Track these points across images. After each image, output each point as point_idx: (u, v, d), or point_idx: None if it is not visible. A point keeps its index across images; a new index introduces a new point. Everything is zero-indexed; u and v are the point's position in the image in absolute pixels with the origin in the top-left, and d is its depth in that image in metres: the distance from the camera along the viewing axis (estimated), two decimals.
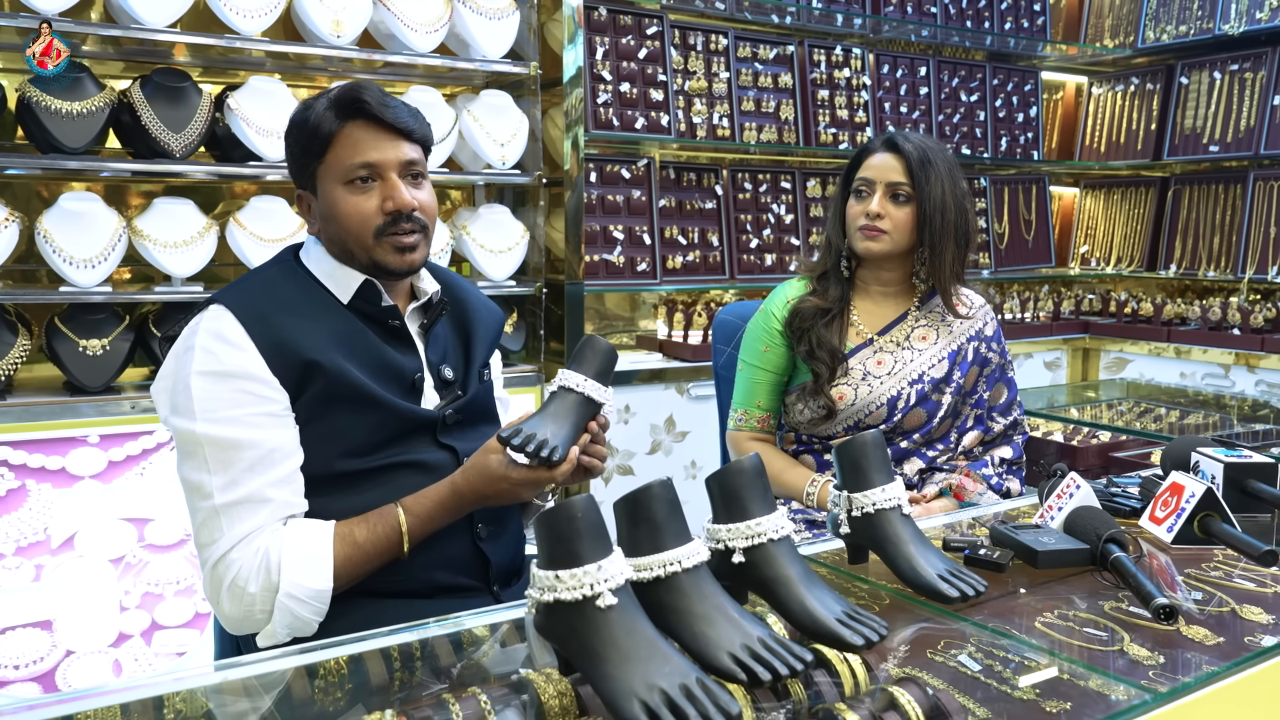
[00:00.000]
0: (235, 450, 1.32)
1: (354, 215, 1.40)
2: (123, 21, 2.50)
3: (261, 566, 1.30)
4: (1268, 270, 4.13)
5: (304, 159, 1.43)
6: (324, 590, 1.33)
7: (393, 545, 1.37)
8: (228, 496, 1.32)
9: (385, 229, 1.41)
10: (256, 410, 1.33)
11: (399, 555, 1.38)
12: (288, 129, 1.46)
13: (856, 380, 1.99)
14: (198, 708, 1.06)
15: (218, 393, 1.33)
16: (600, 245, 3.57)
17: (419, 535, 1.39)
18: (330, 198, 1.41)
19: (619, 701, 0.89)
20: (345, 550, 1.34)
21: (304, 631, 1.35)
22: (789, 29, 4.10)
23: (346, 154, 1.39)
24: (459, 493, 1.38)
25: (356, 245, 1.42)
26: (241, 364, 1.33)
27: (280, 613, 1.31)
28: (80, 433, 2.43)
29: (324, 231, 1.46)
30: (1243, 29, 4.20)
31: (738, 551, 1.12)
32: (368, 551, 1.36)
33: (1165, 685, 1.03)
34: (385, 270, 1.44)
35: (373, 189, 1.40)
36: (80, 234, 2.44)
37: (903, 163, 1.96)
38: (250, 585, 1.30)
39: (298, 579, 1.30)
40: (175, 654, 2.55)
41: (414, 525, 1.38)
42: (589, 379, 1.40)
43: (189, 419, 1.33)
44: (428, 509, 1.39)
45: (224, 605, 1.33)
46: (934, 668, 1.06)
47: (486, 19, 2.91)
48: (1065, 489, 1.45)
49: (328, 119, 1.40)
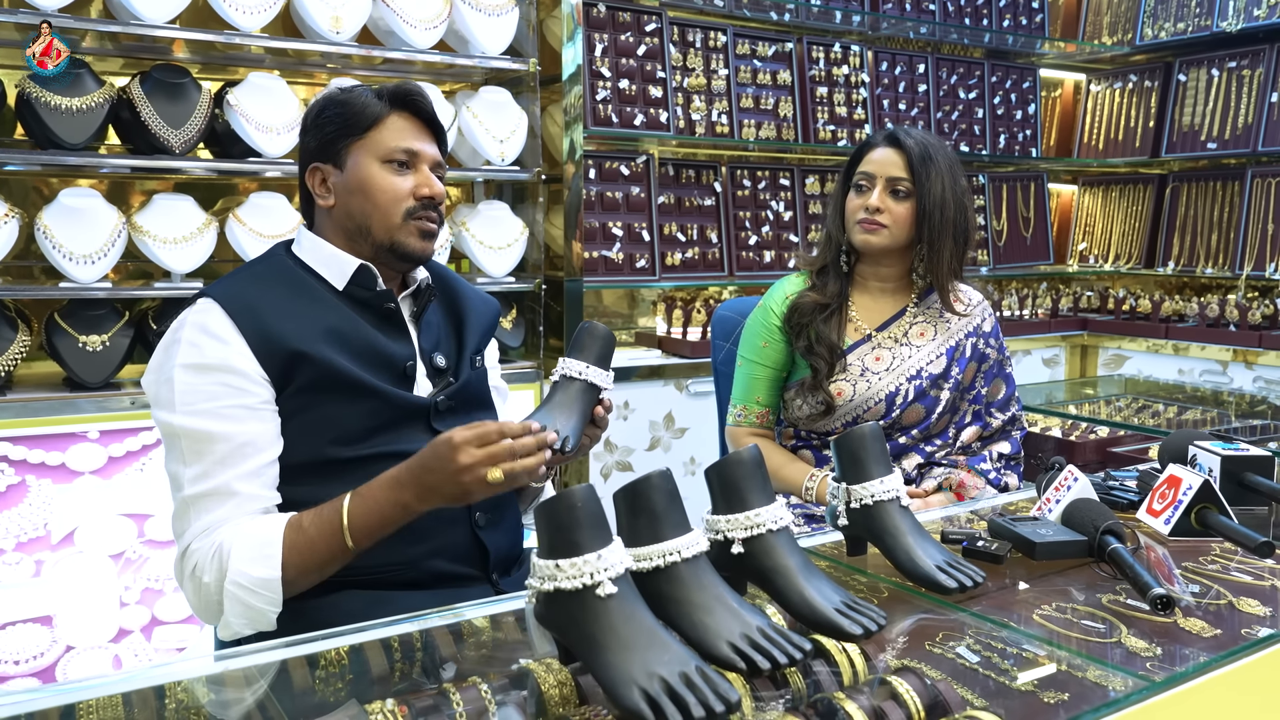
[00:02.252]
0: (209, 442, 1.33)
1: (388, 191, 1.45)
2: (122, 18, 2.50)
3: (215, 556, 1.30)
4: (1265, 267, 4.13)
5: (339, 133, 1.45)
6: (270, 578, 1.29)
7: (335, 530, 1.30)
8: (197, 488, 1.33)
9: (414, 212, 1.46)
10: (232, 403, 1.34)
11: (344, 547, 1.30)
12: (321, 105, 1.48)
13: (855, 376, 2.00)
14: (198, 698, 1.07)
15: (197, 385, 1.34)
16: (599, 242, 3.58)
17: (363, 524, 1.30)
18: (364, 171, 1.45)
19: (619, 690, 0.90)
20: (292, 536, 1.31)
21: (262, 623, 1.31)
22: (788, 26, 4.10)
23: (390, 137, 1.45)
24: (399, 481, 1.30)
25: (380, 222, 1.45)
26: (223, 357, 1.35)
27: (230, 602, 1.29)
28: (80, 428, 2.44)
29: (340, 206, 1.47)
30: (1240, 26, 4.20)
31: (737, 542, 1.12)
32: (312, 538, 1.30)
33: (1162, 675, 1.04)
34: (401, 253, 1.47)
35: (407, 174, 1.46)
36: (80, 230, 2.44)
37: (904, 158, 1.96)
38: (205, 575, 1.30)
39: (243, 567, 1.29)
40: (175, 649, 2.56)
41: (356, 509, 1.30)
42: (590, 365, 1.42)
43: (169, 411, 1.35)
44: (373, 492, 1.31)
45: (188, 594, 1.34)
46: (932, 658, 1.07)
47: (486, 15, 2.91)
48: (1063, 481, 1.46)
49: (375, 104, 1.46)
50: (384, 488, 1.31)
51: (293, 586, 1.32)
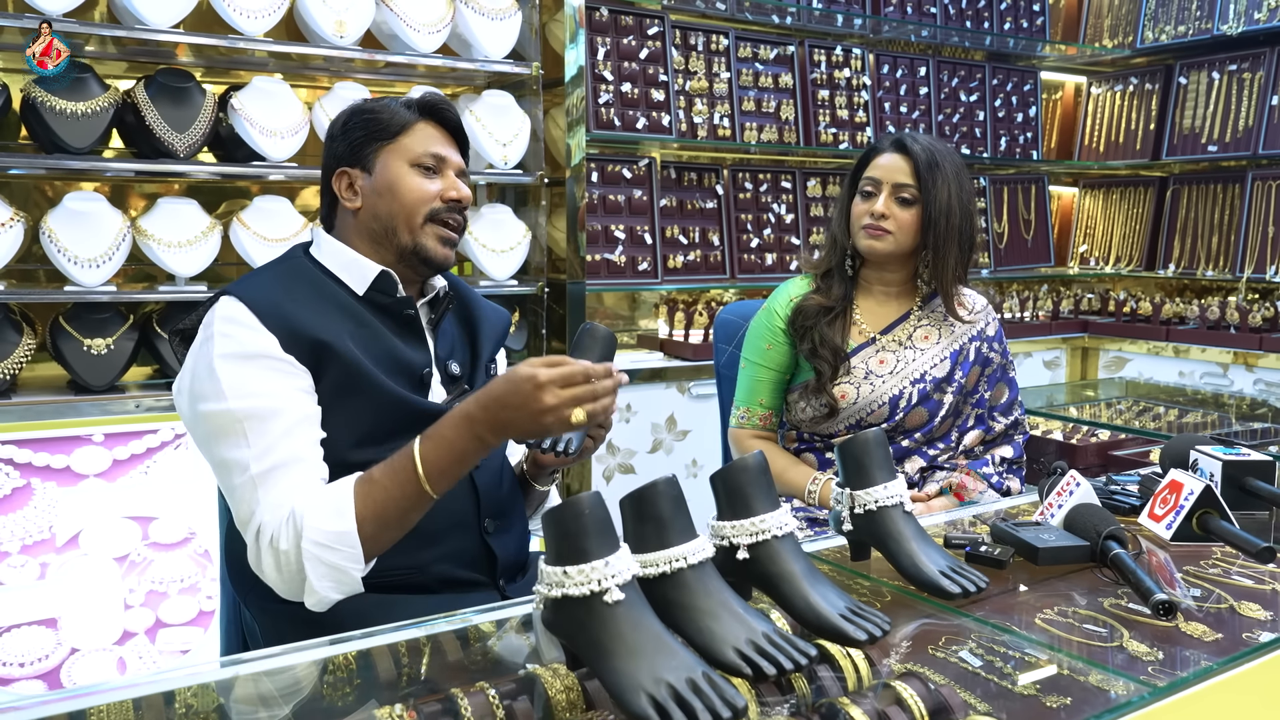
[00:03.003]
0: (272, 419, 1.32)
1: (416, 191, 1.47)
2: (126, 22, 2.51)
3: (289, 521, 1.28)
4: (1266, 269, 4.14)
5: (368, 139, 1.48)
6: (345, 531, 1.27)
7: (410, 476, 1.28)
8: (264, 463, 1.31)
9: (438, 214, 1.49)
10: (286, 384, 1.35)
11: (422, 492, 1.28)
12: (349, 114, 1.51)
13: (858, 379, 2.00)
14: (209, 703, 1.07)
15: (245, 372, 1.33)
16: (601, 245, 3.59)
17: (436, 465, 1.28)
18: (393, 173, 1.47)
19: (626, 695, 0.91)
20: (363, 489, 1.30)
21: (348, 583, 1.29)
22: (789, 29, 4.11)
23: (420, 142, 1.49)
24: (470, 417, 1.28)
25: (405, 223, 1.47)
26: (261, 345, 1.35)
27: (310, 564, 1.27)
28: (84, 432, 2.45)
29: (368, 208, 1.48)
30: (1241, 29, 4.21)
31: (742, 548, 1.13)
32: (386, 487, 1.29)
33: (1164, 680, 1.04)
34: (423, 256, 1.48)
35: (434, 178, 1.49)
36: (84, 234, 2.45)
37: (910, 164, 1.96)
38: (282, 542, 1.28)
39: (317, 524, 1.27)
40: (179, 652, 2.56)
41: (428, 451, 1.29)
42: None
43: (219, 400, 1.33)
44: (443, 432, 1.30)
45: (268, 572, 1.30)
46: (936, 663, 1.08)
47: (488, 19, 2.92)
48: (1065, 486, 1.46)
49: (404, 112, 1.50)
50: (454, 426, 1.29)
51: (373, 542, 1.30)
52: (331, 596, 1.30)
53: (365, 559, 1.30)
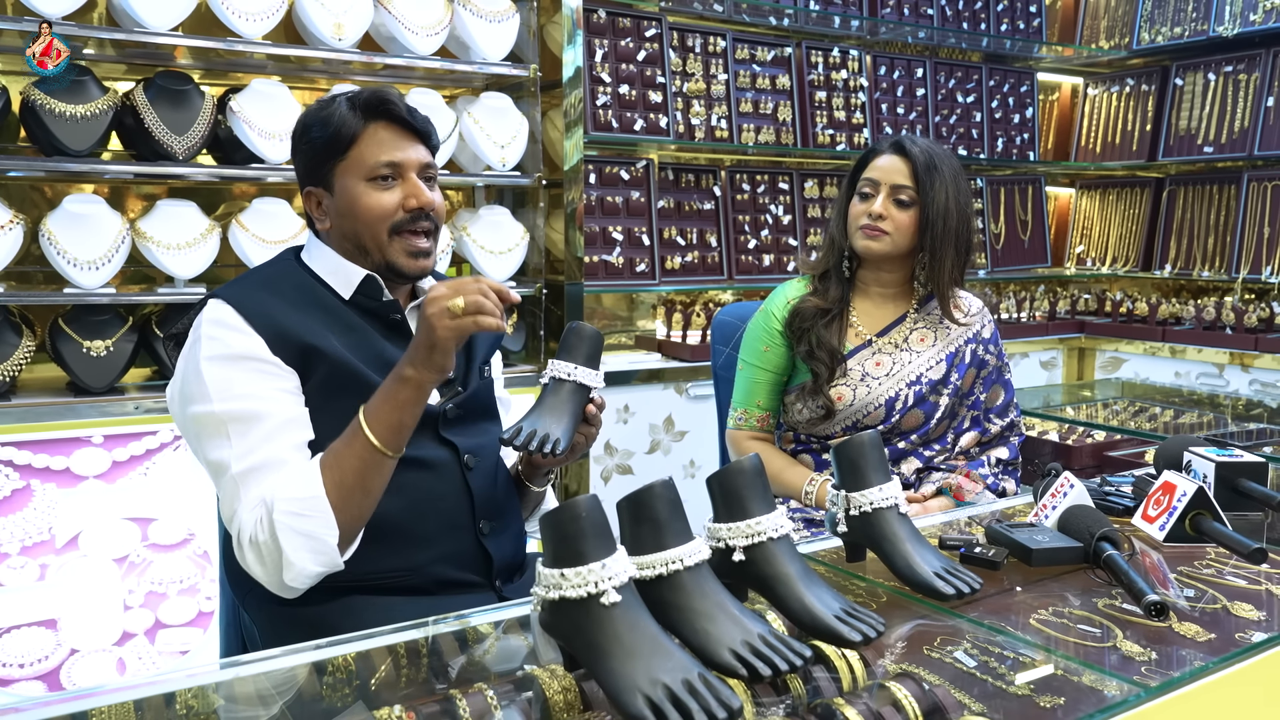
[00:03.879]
0: (255, 421, 1.34)
1: (375, 209, 1.43)
2: (125, 25, 2.52)
3: (261, 507, 1.31)
4: (1261, 270, 4.15)
5: (322, 156, 1.45)
6: (315, 495, 1.29)
7: (358, 433, 1.31)
8: (245, 463, 1.33)
9: (402, 225, 1.45)
10: (272, 386, 1.36)
11: (372, 448, 1.30)
12: (303, 127, 1.47)
13: (855, 381, 2.01)
14: (208, 705, 1.08)
15: (231, 374, 1.35)
16: (599, 246, 3.59)
17: (378, 417, 1.31)
18: (351, 193, 1.44)
19: (623, 696, 0.91)
20: (325, 459, 1.32)
21: (326, 552, 1.30)
22: (786, 31, 4.12)
23: (371, 152, 1.43)
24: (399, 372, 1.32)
25: (371, 242, 1.45)
26: (248, 347, 1.36)
27: (284, 535, 1.28)
28: (84, 433, 2.45)
29: (337, 228, 1.47)
30: (1236, 31, 4.22)
31: (738, 550, 1.14)
32: (339, 451, 1.31)
33: (1157, 680, 1.05)
34: (397, 272, 1.47)
35: (394, 187, 1.44)
36: (83, 236, 2.46)
37: (909, 166, 1.97)
38: (260, 534, 1.30)
39: (287, 494, 1.29)
40: (179, 653, 2.57)
41: (369, 409, 1.31)
42: (579, 366, 1.43)
43: (205, 403, 1.35)
44: (379, 390, 1.33)
45: (252, 566, 1.32)
46: (930, 664, 1.09)
47: (486, 22, 2.92)
48: (1059, 488, 1.47)
49: (351, 119, 1.43)
50: (386, 379, 1.33)
51: (343, 511, 1.31)
52: (310, 568, 1.30)
53: (340, 529, 1.31)
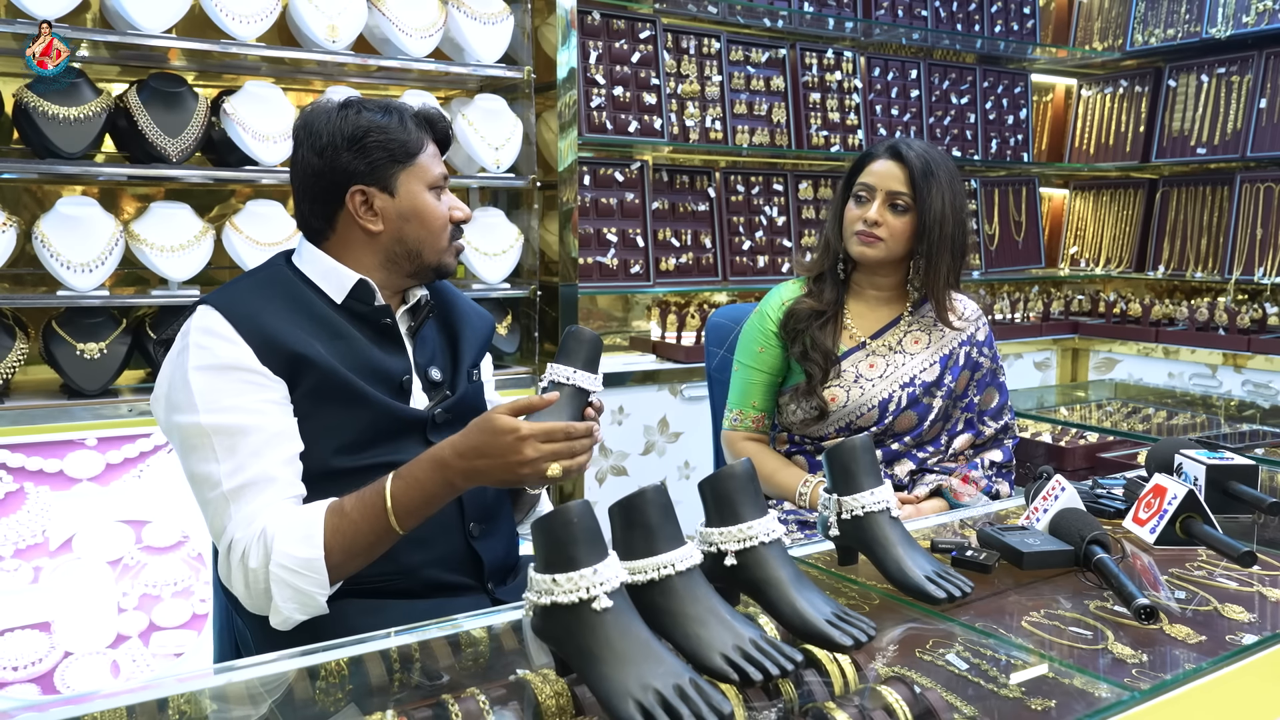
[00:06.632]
0: (241, 435, 1.34)
1: (440, 218, 1.52)
2: (119, 27, 2.51)
3: (260, 540, 1.31)
4: (1254, 271, 4.17)
5: (389, 159, 1.47)
6: (313, 558, 1.30)
7: (379, 513, 1.32)
8: (235, 481, 1.33)
9: (454, 234, 1.55)
10: (258, 398, 1.36)
11: (389, 529, 1.32)
12: (364, 129, 1.46)
13: (849, 382, 2.02)
14: (201, 710, 1.08)
15: (218, 385, 1.35)
16: (594, 247, 3.60)
17: (406, 505, 1.32)
18: (419, 199, 1.50)
19: (614, 701, 0.92)
20: (334, 521, 1.33)
21: (312, 606, 1.32)
22: (781, 32, 4.12)
23: (431, 165, 1.52)
24: (443, 462, 1.32)
25: (432, 246, 1.51)
26: (236, 357, 1.36)
27: (277, 586, 1.30)
28: (78, 435, 2.45)
29: (391, 232, 1.49)
30: (1229, 33, 4.23)
31: (730, 554, 1.14)
32: (355, 521, 1.32)
33: (1148, 683, 1.06)
34: (443, 272, 1.55)
35: (443, 198, 1.55)
36: (77, 238, 2.46)
37: (905, 172, 1.97)
38: (252, 560, 1.31)
39: (286, 549, 1.30)
40: (173, 655, 2.57)
41: (399, 490, 1.32)
42: (578, 370, 1.43)
43: (192, 413, 1.35)
44: (414, 473, 1.33)
45: (237, 586, 1.33)
46: (922, 667, 1.09)
47: (480, 23, 2.93)
48: (1051, 491, 1.48)
49: (416, 131, 1.51)
50: (427, 469, 1.33)
51: (340, 570, 1.33)
52: (296, 617, 1.33)
53: (331, 584, 1.33)
